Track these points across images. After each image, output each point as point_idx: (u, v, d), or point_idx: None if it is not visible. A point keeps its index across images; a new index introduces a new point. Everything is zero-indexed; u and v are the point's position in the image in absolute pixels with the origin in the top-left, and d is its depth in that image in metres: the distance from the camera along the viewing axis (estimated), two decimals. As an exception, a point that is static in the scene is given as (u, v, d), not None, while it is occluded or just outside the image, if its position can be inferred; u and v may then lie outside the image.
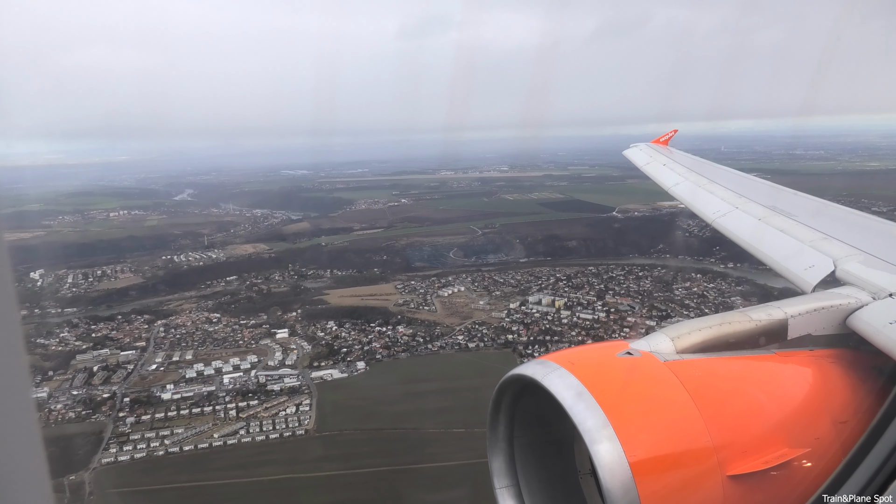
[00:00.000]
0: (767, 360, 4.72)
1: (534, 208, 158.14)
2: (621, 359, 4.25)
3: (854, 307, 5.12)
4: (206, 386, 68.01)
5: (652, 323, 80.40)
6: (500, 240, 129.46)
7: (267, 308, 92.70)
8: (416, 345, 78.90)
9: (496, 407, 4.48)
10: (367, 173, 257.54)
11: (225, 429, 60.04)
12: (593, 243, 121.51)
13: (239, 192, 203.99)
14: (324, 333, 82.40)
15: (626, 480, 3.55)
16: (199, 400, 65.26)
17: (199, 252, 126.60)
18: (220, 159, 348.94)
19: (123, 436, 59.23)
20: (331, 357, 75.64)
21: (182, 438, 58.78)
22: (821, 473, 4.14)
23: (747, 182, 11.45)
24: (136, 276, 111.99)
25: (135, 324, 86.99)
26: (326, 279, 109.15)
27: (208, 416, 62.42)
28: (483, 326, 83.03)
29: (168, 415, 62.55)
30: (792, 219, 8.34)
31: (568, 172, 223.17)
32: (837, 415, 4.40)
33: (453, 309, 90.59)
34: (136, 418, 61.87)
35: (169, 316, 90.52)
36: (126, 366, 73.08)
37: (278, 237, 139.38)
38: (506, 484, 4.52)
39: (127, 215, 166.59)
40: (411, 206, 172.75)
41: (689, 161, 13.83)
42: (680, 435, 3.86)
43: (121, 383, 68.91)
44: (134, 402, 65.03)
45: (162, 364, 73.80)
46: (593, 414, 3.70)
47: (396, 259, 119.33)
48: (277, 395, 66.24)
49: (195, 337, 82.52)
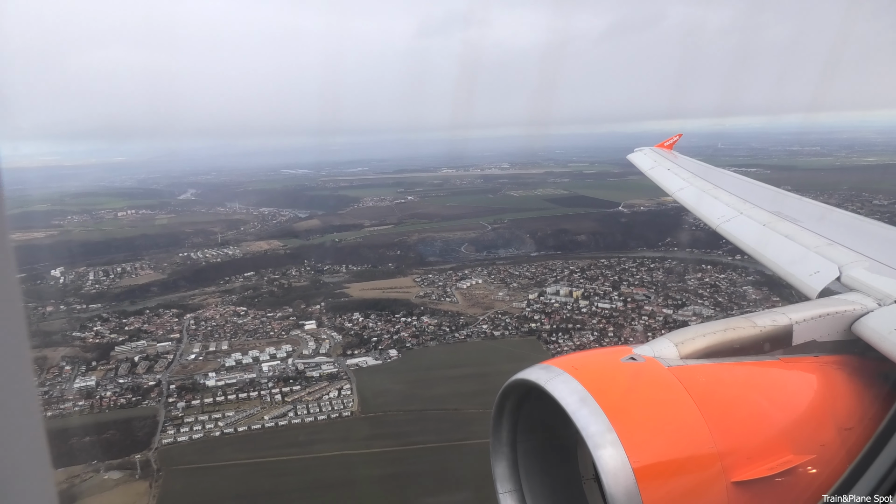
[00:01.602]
0: (772, 366, 4.74)
1: (540, 204, 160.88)
2: (625, 364, 4.28)
3: (859, 313, 5.15)
4: (247, 373, 70.70)
5: (669, 311, 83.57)
6: (510, 235, 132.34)
7: (290, 301, 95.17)
8: (443, 334, 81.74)
9: (499, 411, 4.50)
10: (367, 172, 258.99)
11: (273, 411, 62.91)
12: (602, 237, 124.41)
13: (243, 191, 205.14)
14: (351, 324, 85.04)
15: (630, 486, 3.57)
16: (243, 386, 67.99)
17: (215, 249, 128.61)
18: (218, 160, 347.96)
19: (177, 419, 61.98)
20: (362, 346, 78.50)
21: (234, 420, 61.62)
22: (826, 480, 4.14)
23: (752, 187, 11.54)
24: (156, 272, 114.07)
25: (164, 317, 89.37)
26: (343, 274, 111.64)
27: (255, 401, 65.24)
28: (505, 316, 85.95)
29: (216, 400, 65.33)
30: (797, 224, 8.40)
31: (569, 169, 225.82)
32: (843, 421, 4.42)
33: (474, 300, 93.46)
34: (187, 403, 64.59)
35: (196, 310, 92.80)
36: (165, 356, 75.59)
37: (290, 234, 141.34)
38: (509, 489, 4.53)
39: (135, 215, 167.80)
40: (418, 202, 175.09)
41: (693, 166, 13.94)
42: (684, 441, 3.88)
43: (163, 372, 71.54)
44: (180, 388, 67.68)
45: (200, 354, 76.41)
46: (597, 419, 3.72)
47: (410, 254, 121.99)
48: (317, 380, 69.07)
49: (226, 329, 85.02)
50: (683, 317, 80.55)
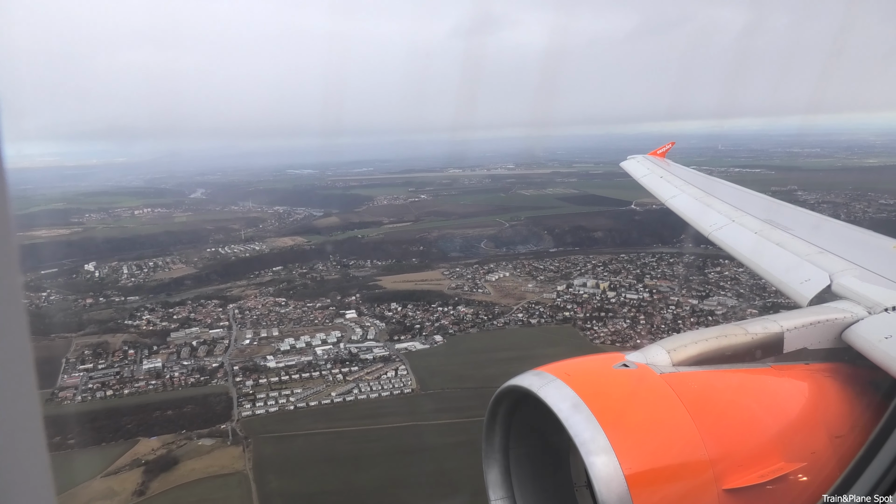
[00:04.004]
0: (764, 373, 4.76)
1: (552, 202, 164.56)
2: (618, 371, 4.30)
3: (850, 321, 5.19)
4: (303, 357, 74.61)
5: (694, 301, 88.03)
6: (528, 231, 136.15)
7: (326, 293, 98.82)
8: (482, 321, 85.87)
9: (492, 418, 4.52)
10: (373, 172, 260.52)
11: (338, 388, 67.03)
12: (618, 234, 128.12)
13: (253, 190, 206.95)
14: (391, 313, 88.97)
15: (622, 493, 3.57)
16: (303, 367, 71.91)
17: (241, 245, 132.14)
18: (220, 160, 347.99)
19: (249, 395, 65.97)
20: (406, 332, 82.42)
21: (304, 396, 65.63)
22: (817, 488, 4.15)
23: (744, 196, 11.59)
24: (188, 266, 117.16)
25: (208, 307, 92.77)
26: (370, 268, 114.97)
27: (317, 380, 69.20)
28: (538, 306, 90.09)
29: (281, 379, 69.27)
30: (788, 232, 8.43)
31: (574, 170, 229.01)
32: (834, 429, 4.44)
33: (505, 291, 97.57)
34: (254, 382, 68.58)
35: (237, 300, 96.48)
36: (220, 341, 79.43)
37: (312, 231, 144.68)
38: (501, 496, 4.54)
39: (151, 213, 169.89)
40: (432, 201, 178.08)
41: (686, 174, 13.99)
42: (676, 448, 3.91)
43: (223, 355, 75.42)
44: (243, 369, 71.59)
45: (253, 339, 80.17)
46: (589, 426, 3.73)
47: (433, 249, 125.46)
48: (372, 362, 73.03)
49: (270, 318, 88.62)
50: (709, 306, 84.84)
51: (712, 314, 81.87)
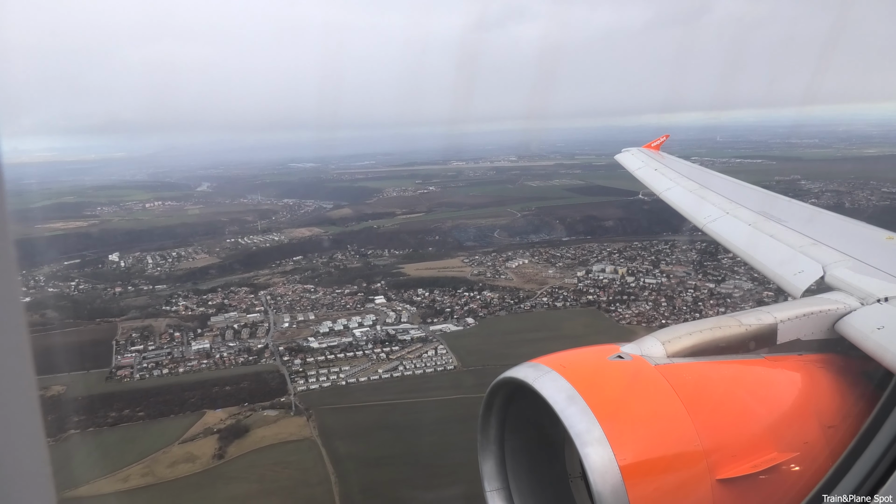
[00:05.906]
0: (757, 364, 4.82)
1: (560, 193, 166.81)
2: (612, 362, 4.35)
3: (843, 312, 5.24)
4: (343, 338, 77.87)
5: (711, 285, 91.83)
6: (540, 221, 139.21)
7: (352, 280, 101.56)
8: (509, 305, 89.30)
9: (487, 409, 4.63)
10: (375, 165, 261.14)
11: (383, 366, 70.50)
12: (629, 223, 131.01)
13: (260, 183, 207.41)
14: (420, 298, 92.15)
15: (617, 484, 3.62)
16: (345, 348, 75.28)
17: (259, 235, 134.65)
18: (221, 154, 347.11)
19: (300, 373, 69.38)
20: (437, 315, 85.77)
21: (353, 373, 69.15)
22: (810, 478, 4.20)
23: (738, 188, 11.67)
24: (211, 256, 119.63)
25: (239, 294, 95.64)
26: (389, 257, 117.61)
27: (361, 359, 72.60)
28: (562, 290, 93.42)
29: (327, 358, 72.66)
30: (782, 224, 8.47)
31: (577, 161, 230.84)
32: (826, 419, 4.49)
33: (527, 277, 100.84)
34: (302, 360, 71.92)
35: (266, 287, 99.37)
36: (260, 324, 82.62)
37: (327, 222, 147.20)
38: (496, 487, 4.59)
39: (163, 206, 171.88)
40: (441, 192, 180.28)
41: (680, 166, 14.08)
42: (670, 439, 3.95)
43: (266, 336, 78.68)
44: (288, 349, 74.87)
45: (292, 323, 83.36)
46: (584, 417, 3.77)
47: (449, 239, 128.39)
48: (411, 343, 76.44)
49: (303, 303, 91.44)
50: (726, 289, 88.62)
51: (730, 296, 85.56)
